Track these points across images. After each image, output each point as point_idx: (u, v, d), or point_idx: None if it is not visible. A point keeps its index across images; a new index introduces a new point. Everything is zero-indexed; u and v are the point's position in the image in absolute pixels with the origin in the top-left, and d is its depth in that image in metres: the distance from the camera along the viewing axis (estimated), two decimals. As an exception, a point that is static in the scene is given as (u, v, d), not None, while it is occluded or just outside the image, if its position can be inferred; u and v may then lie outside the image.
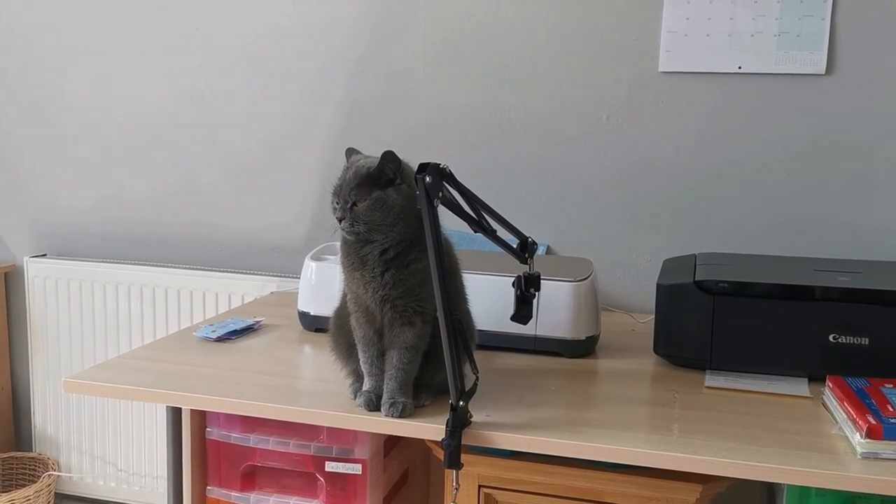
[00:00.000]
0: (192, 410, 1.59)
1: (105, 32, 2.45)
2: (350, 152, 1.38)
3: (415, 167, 1.26)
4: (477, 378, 1.30)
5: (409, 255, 1.29)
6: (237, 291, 2.33)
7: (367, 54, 2.23)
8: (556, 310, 1.63)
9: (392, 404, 1.28)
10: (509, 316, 1.48)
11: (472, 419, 1.24)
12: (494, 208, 1.40)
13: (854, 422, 1.22)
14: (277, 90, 2.32)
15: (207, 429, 1.61)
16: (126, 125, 2.47)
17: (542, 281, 1.50)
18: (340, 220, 1.29)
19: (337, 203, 1.30)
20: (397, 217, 1.27)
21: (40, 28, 2.51)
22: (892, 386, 1.34)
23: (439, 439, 1.22)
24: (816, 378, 1.47)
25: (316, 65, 2.28)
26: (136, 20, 2.41)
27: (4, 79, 2.57)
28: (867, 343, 1.47)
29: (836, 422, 1.30)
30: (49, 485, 2.48)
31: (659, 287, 1.60)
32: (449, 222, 1.33)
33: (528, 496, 1.43)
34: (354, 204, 1.27)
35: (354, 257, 1.31)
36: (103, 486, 2.54)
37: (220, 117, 2.39)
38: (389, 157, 1.27)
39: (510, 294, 1.48)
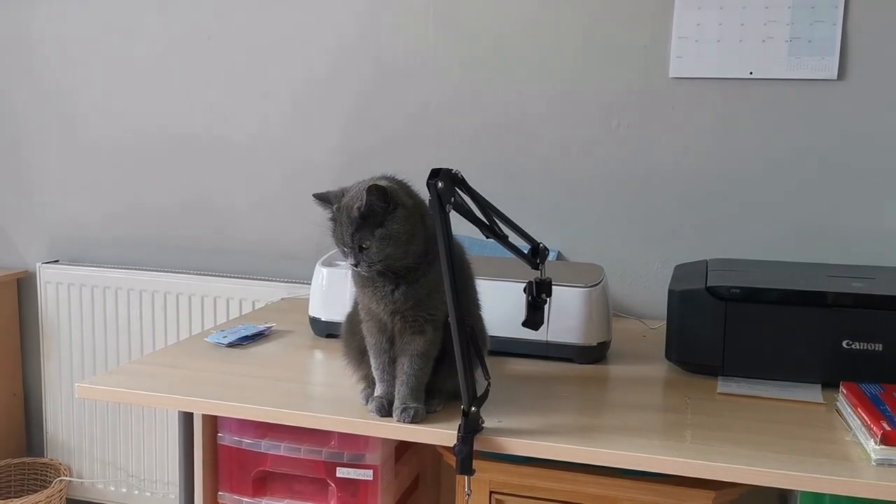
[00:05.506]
0: (203, 416, 1.60)
1: (118, 42, 2.46)
2: (320, 198, 1.31)
3: (426, 174, 1.25)
4: (489, 384, 1.30)
5: (420, 269, 1.29)
6: (248, 297, 2.34)
7: (378, 59, 2.24)
8: (567, 316, 1.63)
9: (404, 410, 1.28)
10: (521, 322, 1.48)
11: (483, 425, 1.24)
12: (506, 214, 1.40)
13: (868, 428, 1.22)
14: (289, 98, 2.33)
15: (219, 434, 1.61)
16: (138, 133, 2.48)
17: (553, 287, 1.50)
18: (356, 266, 1.26)
19: (345, 249, 1.27)
20: (408, 241, 1.26)
21: (53, 38, 2.53)
22: (906, 392, 1.33)
23: (451, 445, 1.22)
24: (830, 384, 1.46)
25: (326, 73, 2.29)
26: (150, 30, 2.43)
27: (19, 88, 2.59)
28: (881, 349, 1.46)
29: (850, 428, 1.29)
30: (60, 490, 2.49)
31: (671, 293, 1.60)
32: (460, 228, 1.33)
33: (540, 502, 1.43)
34: (361, 247, 1.25)
35: (365, 275, 1.31)
36: (115, 492, 2.54)
37: (232, 125, 2.40)
38: (374, 191, 1.23)
39: (521, 300, 1.48)
